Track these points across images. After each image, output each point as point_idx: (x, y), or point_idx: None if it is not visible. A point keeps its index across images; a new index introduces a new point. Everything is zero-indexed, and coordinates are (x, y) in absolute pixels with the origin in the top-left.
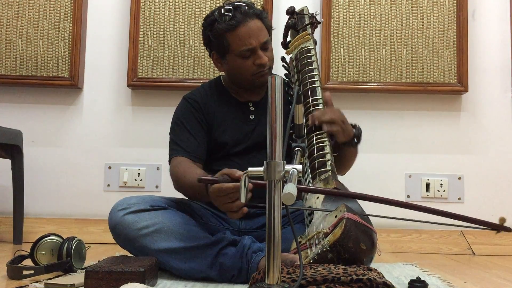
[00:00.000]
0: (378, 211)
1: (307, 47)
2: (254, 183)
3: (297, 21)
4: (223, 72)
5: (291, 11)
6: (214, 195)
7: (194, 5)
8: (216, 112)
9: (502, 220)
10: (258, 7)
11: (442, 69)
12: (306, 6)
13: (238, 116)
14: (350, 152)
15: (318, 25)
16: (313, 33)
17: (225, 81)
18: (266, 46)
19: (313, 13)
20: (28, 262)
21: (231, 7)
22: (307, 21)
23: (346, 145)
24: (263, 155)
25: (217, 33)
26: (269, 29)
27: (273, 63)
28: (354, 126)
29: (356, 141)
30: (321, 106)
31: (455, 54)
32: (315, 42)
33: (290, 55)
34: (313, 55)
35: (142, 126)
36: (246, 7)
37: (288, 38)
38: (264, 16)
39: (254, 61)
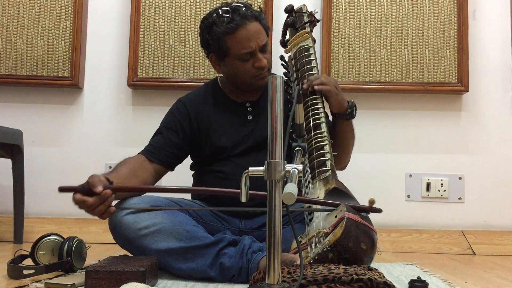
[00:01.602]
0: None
1: (306, 46)
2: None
3: (296, 19)
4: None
5: (289, 9)
6: (75, 203)
7: (194, 5)
8: (212, 115)
9: (371, 202)
10: (258, 6)
11: (442, 69)
12: (304, 4)
13: (235, 117)
14: (346, 130)
15: (317, 24)
16: (312, 31)
17: (223, 82)
18: (265, 49)
19: (311, 11)
20: (28, 261)
21: (229, 9)
22: (305, 19)
23: (339, 117)
24: (263, 155)
25: (216, 36)
26: (267, 30)
27: (271, 64)
28: (348, 102)
29: (350, 112)
30: (320, 105)
31: (456, 54)
32: (314, 41)
33: (289, 54)
34: (312, 53)
35: (142, 126)
36: (244, 9)
37: (287, 37)
38: (262, 17)
39: (253, 63)
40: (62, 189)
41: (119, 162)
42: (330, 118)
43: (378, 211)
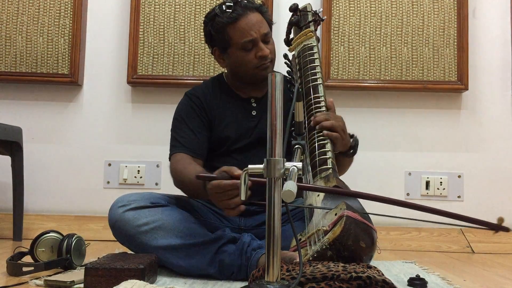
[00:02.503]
0: (377, 209)
1: (309, 45)
2: (254, 181)
3: (300, 18)
4: (225, 69)
5: (294, 8)
6: (212, 192)
7: (194, 2)
8: (218, 108)
9: (501, 220)
10: (261, 1)
11: (442, 67)
12: (309, 3)
13: (240, 112)
14: (345, 161)
15: (321, 22)
16: (316, 30)
17: (228, 77)
18: (267, 39)
19: (316, 10)
20: (27, 259)
21: (231, 3)
22: (310, 18)
23: (341, 155)
24: (264, 152)
25: (218, 26)
26: (270, 22)
27: (275, 56)
28: (351, 136)
29: (352, 152)
30: (323, 103)
31: (456, 52)
32: (318, 40)
33: (293, 52)
34: (316, 52)
35: (142, 123)
36: (246, 1)
37: (291, 35)
38: (264, 10)
39: (256, 53)
40: (200, 177)
41: (180, 164)
42: None
43: (507, 230)
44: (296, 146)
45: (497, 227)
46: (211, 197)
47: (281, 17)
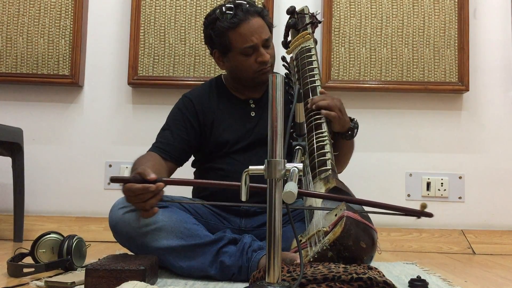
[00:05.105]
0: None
1: (307, 47)
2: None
3: (298, 20)
4: (224, 71)
5: (291, 11)
6: (125, 194)
7: (195, 3)
8: (216, 110)
9: (423, 206)
10: (259, 5)
11: (443, 68)
12: (306, 6)
13: (239, 113)
14: (345, 145)
15: (319, 25)
16: (313, 32)
17: (226, 79)
18: (267, 44)
19: (313, 13)
20: (28, 260)
21: (232, 5)
22: (307, 20)
23: (340, 136)
24: (264, 153)
25: (219, 31)
26: (270, 26)
27: (274, 60)
28: (351, 120)
29: (351, 133)
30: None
31: (456, 53)
32: (315, 42)
33: (291, 55)
34: (314, 54)
35: (142, 124)
36: (247, 5)
37: (289, 38)
38: (265, 13)
39: (256, 58)
40: (114, 180)
41: (138, 159)
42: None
43: (430, 215)
44: (297, 147)
45: (421, 213)
46: (126, 199)
47: (281, 20)
